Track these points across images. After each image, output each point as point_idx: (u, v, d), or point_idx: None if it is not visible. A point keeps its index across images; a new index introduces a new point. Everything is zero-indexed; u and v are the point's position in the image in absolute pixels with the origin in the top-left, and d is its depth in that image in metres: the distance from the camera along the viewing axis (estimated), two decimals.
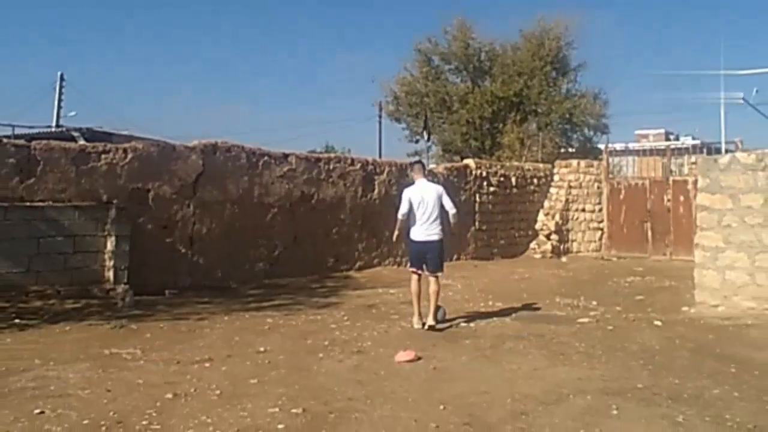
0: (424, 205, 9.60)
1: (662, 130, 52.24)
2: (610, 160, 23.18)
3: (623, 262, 19.27)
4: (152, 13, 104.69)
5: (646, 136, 49.68)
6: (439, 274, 9.73)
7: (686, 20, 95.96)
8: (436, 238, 9.63)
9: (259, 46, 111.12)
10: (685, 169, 23.13)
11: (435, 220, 9.60)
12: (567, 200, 21.64)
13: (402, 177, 17.74)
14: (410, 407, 5.82)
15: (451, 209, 9.74)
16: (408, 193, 9.80)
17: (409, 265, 10.20)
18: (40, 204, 11.28)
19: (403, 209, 9.71)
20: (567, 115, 28.40)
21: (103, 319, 9.85)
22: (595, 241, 21.87)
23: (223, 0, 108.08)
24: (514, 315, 10.54)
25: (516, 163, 22.63)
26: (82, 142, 14.30)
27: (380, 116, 39.02)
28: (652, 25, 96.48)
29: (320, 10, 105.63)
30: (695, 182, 12.22)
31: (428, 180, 10.17)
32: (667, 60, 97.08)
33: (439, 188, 9.90)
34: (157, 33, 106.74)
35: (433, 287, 9.55)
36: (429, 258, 9.67)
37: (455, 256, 19.00)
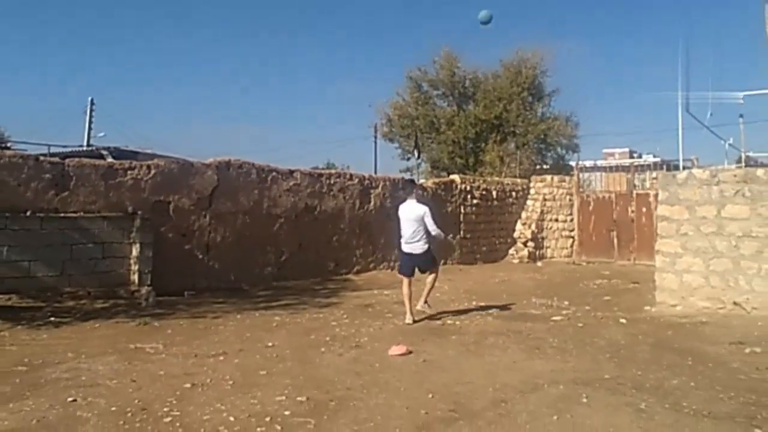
0: (407, 224, 9.71)
1: (627, 149, 52.47)
2: (581, 175, 23.27)
3: (592, 267, 19.29)
4: (171, 43, 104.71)
5: (612, 154, 49.89)
6: (434, 273, 9.95)
7: (651, 46, 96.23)
8: (419, 251, 9.69)
9: (267, 73, 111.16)
10: (647, 184, 23.26)
11: (415, 236, 9.63)
12: (542, 211, 21.68)
13: (395, 190, 17.78)
14: (402, 396, 5.83)
15: (433, 230, 9.59)
16: (399, 210, 10.00)
17: (398, 270, 10.31)
18: (73, 215, 11.29)
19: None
20: (542, 136, 28.53)
21: (129, 317, 9.84)
22: (567, 248, 21.90)
23: (237, 33, 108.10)
24: (495, 313, 10.53)
25: (496, 179, 22.70)
26: (110, 159, 14.29)
27: (376, 137, 39.10)
28: (621, 54, 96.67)
29: (323, 42, 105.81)
30: (656, 195, 12.26)
31: (418, 201, 9.94)
32: (635, 84, 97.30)
33: (422, 210, 9.65)
34: (175, 61, 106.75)
35: (429, 278, 9.96)
36: (421, 265, 9.82)
37: (442, 261, 19.02)
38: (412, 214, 9.67)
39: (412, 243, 9.68)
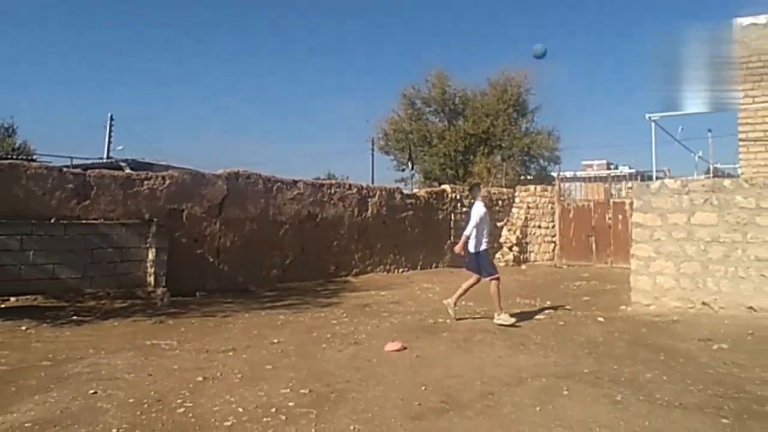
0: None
1: (604, 161, 52.45)
2: (562, 185, 23.28)
3: (572, 269, 19.31)
4: (184, 63, 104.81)
5: (591, 166, 49.86)
6: (485, 277, 9.52)
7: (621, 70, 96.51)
8: (469, 249, 9.57)
9: (274, 90, 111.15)
10: (623, 193, 23.33)
11: (469, 234, 9.48)
12: (526, 218, 21.70)
13: (391, 200, 17.82)
14: (397, 388, 5.83)
15: (467, 229, 9.49)
16: None
17: None
18: (94, 221, 11.30)
19: None
20: (526, 149, 28.59)
21: (146, 316, 9.83)
22: (549, 252, 21.91)
23: (246, 55, 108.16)
24: (482, 312, 10.54)
25: (484, 188, 22.70)
26: (128, 170, 14.29)
27: (373, 149, 39.14)
28: (598, 74, 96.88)
29: (326, 63, 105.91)
30: (631, 203, 12.30)
31: (484, 203, 9.82)
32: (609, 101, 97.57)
33: (473, 209, 9.66)
34: (188, 80, 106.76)
35: (491, 288, 9.52)
36: (469, 263, 9.77)
37: (434, 264, 19.06)
38: (470, 214, 9.63)
39: (469, 240, 9.52)
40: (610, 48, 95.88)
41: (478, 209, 9.56)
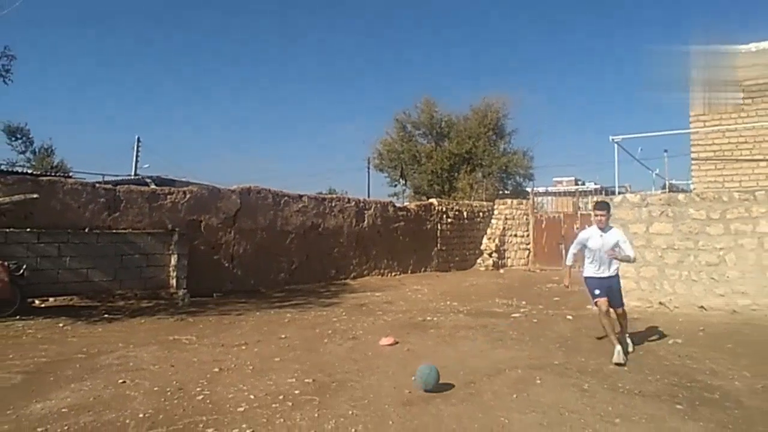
0: None
1: (573, 178, 52.50)
2: (535, 199, 23.33)
3: (544, 273, 19.31)
4: (201, 92, 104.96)
5: (561, 182, 49.88)
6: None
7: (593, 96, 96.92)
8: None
9: (283, 115, 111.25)
10: (590, 206, 23.31)
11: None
12: (504, 228, 21.75)
13: (384, 212, 17.84)
14: (390, 378, 5.83)
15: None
16: None
17: None
18: (123, 231, 11.32)
19: None
20: (504, 167, 28.63)
21: (168, 314, 9.83)
22: (524, 258, 21.95)
23: (255, 80, 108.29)
24: (465, 311, 10.56)
25: (467, 202, 22.77)
26: (153, 186, 14.26)
27: (369, 167, 39.03)
28: (569, 101, 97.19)
29: (328, 91, 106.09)
30: None
31: (594, 224, 7.48)
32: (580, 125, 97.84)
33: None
34: (205, 107, 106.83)
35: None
36: None
37: (423, 269, 19.06)
38: None
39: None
40: (579, 77, 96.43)
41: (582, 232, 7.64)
